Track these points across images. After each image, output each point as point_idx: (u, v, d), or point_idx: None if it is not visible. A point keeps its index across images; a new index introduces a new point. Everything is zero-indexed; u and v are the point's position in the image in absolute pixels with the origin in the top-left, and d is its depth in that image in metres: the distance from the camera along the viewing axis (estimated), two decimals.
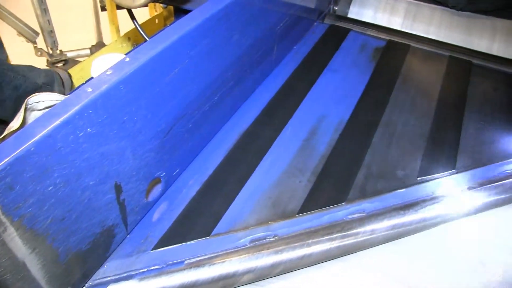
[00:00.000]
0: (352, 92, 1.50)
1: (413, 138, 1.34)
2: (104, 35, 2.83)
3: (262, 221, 1.03)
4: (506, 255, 1.05)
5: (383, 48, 1.80)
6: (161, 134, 0.97)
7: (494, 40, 1.87)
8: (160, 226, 1.01)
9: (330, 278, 0.97)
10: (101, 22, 2.82)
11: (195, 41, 0.99)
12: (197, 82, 1.05)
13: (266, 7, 1.34)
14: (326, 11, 2.01)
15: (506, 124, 1.44)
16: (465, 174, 1.23)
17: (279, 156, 1.21)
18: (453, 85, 1.63)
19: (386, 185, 1.16)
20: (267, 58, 1.47)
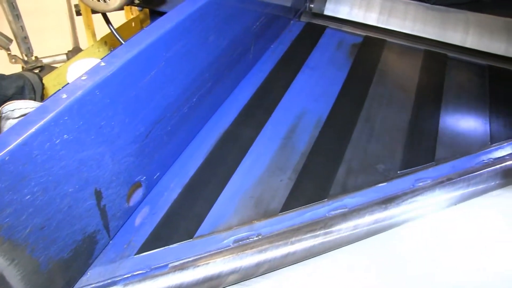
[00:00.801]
0: (331, 89, 1.51)
1: (392, 132, 1.35)
2: (80, 40, 2.80)
3: (245, 221, 1.03)
4: (488, 243, 1.07)
5: (360, 44, 1.82)
6: (140, 138, 0.96)
7: (468, 33, 1.90)
8: (143, 231, 1.01)
9: (315, 275, 0.98)
10: (77, 27, 2.78)
11: (171, 43, 0.98)
12: (175, 84, 1.05)
13: (242, 7, 1.34)
14: (302, 9, 2.02)
15: (481, 115, 1.47)
16: (444, 166, 1.24)
17: (260, 155, 1.21)
18: (429, 78, 1.65)
19: (367, 180, 1.17)
20: (244, 58, 1.47)
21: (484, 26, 1.92)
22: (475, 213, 1.16)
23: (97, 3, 1.20)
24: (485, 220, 1.14)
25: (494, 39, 1.86)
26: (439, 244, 1.07)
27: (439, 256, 1.03)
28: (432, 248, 1.05)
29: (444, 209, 1.15)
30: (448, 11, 1.96)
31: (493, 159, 1.27)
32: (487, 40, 1.88)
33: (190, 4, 1.06)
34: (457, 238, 1.09)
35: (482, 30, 1.90)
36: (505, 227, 1.12)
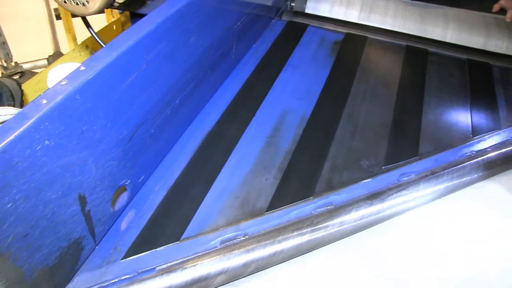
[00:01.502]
0: (313, 87, 1.51)
1: (376, 128, 1.36)
2: (61, 44, 2.78)
3: (231, 222, 1.03)
4: (473, 235, 1.09)
5: (342, 41, 1.83)
6: (123, 141, 0.96)
7: (447, 28, 1.92)
8: (129, 235, 1.00)
9: (302, 272, 0.98)
10: (58, 31, 2.76)
11: (151, 45, 0.98)
12: (157, 86, 1.04)
13: (222, 7, 1.34)
14: (284, 8, 2.02)
15: (463, 108, 1.49)
16: (428, 160, 1.26)
17: (244, 155, 1.21)
18: (411, 73, 1.67)
19: (352, 176, 1.17)
20: (227, 58, 1.47)
21: (463, 21, 1.94)
22: (459, 205, 1.17)
23: (76, 7, 1.19)
24: (470, 212, 1.15)
25: (473, 34, 1.89)
26: (426, 237, 1.08)
27: (426, 250, 1.05)
28: (419, 242, 1.06)
29: (429, 202, 1.16)
30: (427, 7, 1.98)
31: (475, 151, 1.29)
32: (466, 34, 1.90)
33: (170, 5, 1.06)
34: (443, 231, 1.10)
35: (461, 25, 1.92)
36: (489, 218, 1.14)
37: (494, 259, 1.04)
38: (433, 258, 1.03)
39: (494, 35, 1.88)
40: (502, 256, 1.05)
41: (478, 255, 1.04)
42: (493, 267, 1.02)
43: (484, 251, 1.05)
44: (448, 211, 1.15)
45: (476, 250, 1.06)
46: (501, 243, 1.08)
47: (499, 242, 1.08)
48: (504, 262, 1.03)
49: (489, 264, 1.03)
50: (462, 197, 1.20)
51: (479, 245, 1.07)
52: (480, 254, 1.05)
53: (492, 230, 1.11)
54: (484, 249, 1.06)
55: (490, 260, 1.03)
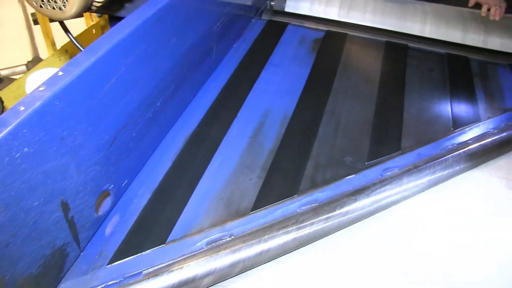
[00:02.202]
0: (295, 85, 1.52)
1: (358, 124, 1.37)
2: (40, 50, 2.74)
3: (216, 222, 1.02)
4: (457, 228, 1.10)
5: (322, 39, 1.84)
6: (105, 146, 0.95)
7: (426, 23, 1.95)
8: (114, 239, 0.99)
9: (289, 270, 0.99)
10: (36, 36, 2.72)
11: (130, 48, 0.97)
12: (137, 89, 1.03)
13: (202, 8, 1.34)
14: (263, 7, 2.03)
15: (443, 102, 1.51)
16: (410, 154, 1.27)
17: (227, 155, 1.21)
18: (392, 69, 1.68)
19: (336, 173, 1.18)
20: (207, 58, 1.47)
21: (441, 16, 1.97)
22: (443, 198, 1.19)
23: (53, 12, 1.18)
24: (453, 205, 1.17)
25: (450, 28, 1.92)
26: (411, 231, 1.09)
27: (412, 243, 1.06)
28: (405, 236, 1.08)
29: (413, 196, 1.18)
30: (406, 2, 2.01)
31: (456, 144, 1.31)
32: (444, 29, 1.93)
33: (148, 8, 1.05)
34: (428, 223, 1.11)
35: (439, 20, 1.95)
36: (472, 209, 1.16)
37: (479, 249, 1.05)
38: (418, 251, 1.04)
39: (471, 29, 1.91)
40: (487, 245, 1.07)
41: (462, 245, 1.06)
42: (478, 256, 1.04)
43: (469, 241, 1.07)
44: (432, 204, 1.17)
45: (461, 240, 1.07)
46: (484, 233, 1.09)
47: (482, 232, 1.09)
48: (489, 251, 1.05)
49: (474, 254, 1.04)
50: (445, 190, 1.22)
51: (463, 235, 1.08)
52: (464, 245, 1.06)
53: (475, 220, 1.12)
54: (468, 239, 1.07)
55: (475, 250, 1.05)
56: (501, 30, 1.91)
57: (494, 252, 1.05)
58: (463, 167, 1.26)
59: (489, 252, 1.05)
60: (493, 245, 1.07)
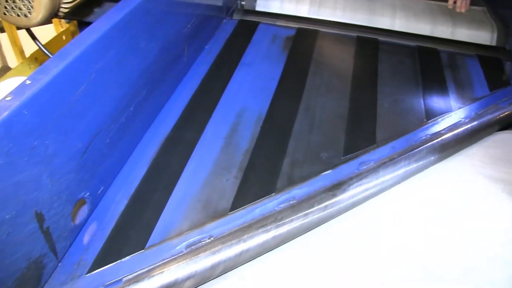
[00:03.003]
0: (268, 83, 1.52)
1: (332, 120, 1.38)
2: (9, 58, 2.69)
3: (195, 225, 1.02)
4: (433, 220, 1.11)
5: (293, 36, 1.84)
6: (78, 154, 0.94)
7: (395, 17, 1.97)
8: (92, 248, 0.98)
9: (271, 269, 0.98)
10: (3, 44, 2.67)
11: (99, 53, 0.96)
12: (109, 95, 1.02)
13: (171, 10, 1.33)
14: (234, 7, 2.02)
15: (416, 94, 1.53)
16: (385, 147, 1.29)
17: (203, 157, 1.21)
18: (364, 63, 1.70)
19: (313, 169, 1.19)
20: (179, 61, 1.46)
21: (410, 10, 2.00)
22: (419, 189, 1.21)
23: (18, 19, 1.15)
24: (429, 195, 1.19)
25: (419, 21, 1.95)
26: (389, 223, 1.10)
27: (391, 235, 1.07)
28: (383, 228, 1.09)
29: (389, 188, 1.19)
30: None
31: (430, 135, 1.33)
32: (413, 22, 1.96)
33: (116, 12, 1.04)
34: (405, 215, 1.12)
35: (408, 13, 1.98)
36: (448, 199, 1.17)
37: (456, 239, 1.07)
38: (397, 244, 1.05)
39: (439, 22, 1.95)
40: (464, 235, 1.08)
41: (439, 236, 1.07)
42: (455, 247, 1.05)
43: (446, 232, 1.08)
44: (409, 195, 1.18)
45: (437, 231, 1.09)
46: (461, 223, 1.11)
47: (459, 222, 1.11)
48: (465, 242, 1.07)
49: (451, 244, 1.06)
50: (421, 181, 1.23)
51: (439, 226, 1.10)
52: (441, 236, 1.07)
53: (451, 210, 1.14)
54: (446, 230, 1.09)
55: (453, 241, 1.06)
56: (467, 22, 1.96)
57: (471, 242, 1.06)
58: (437, 157, 1.28)
59: (466, 242, 1.06)
60: (470, 235, 1.08)
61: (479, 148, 1.35)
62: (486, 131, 1.39)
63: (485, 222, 1.11)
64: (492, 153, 1.33)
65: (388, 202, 1.16)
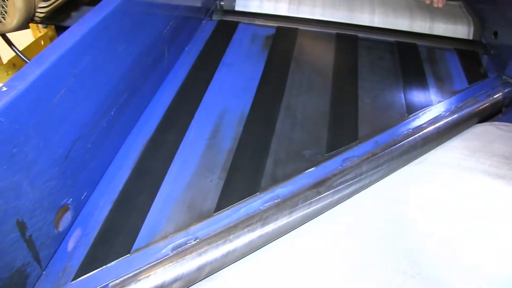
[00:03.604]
0: (249, 83, 1.52)
1: (314, 117, 1.39)
2: None
3: (180, 227, 1.02)
4: (417, 214, 1.13)
5: (273, 35, 1.85)
6: (59, 160, 0.92)
7: (374, 13, 1.99)
8: (77, 254, 0.97)
9: (258, 268, 0.98)
10: None
11: (77, 58, 0.95)
12: (89, 100, 1.01)
13: (149, 12, 1.32)
14: (213, 7, 2.02)
15: (396, 89, 1.54)
16: (368, 143, 1.30)
17: (186, 159, 1.20)
18: (344, 60, 1.71)
19: (296, 167, 1.19)
20: (160, 63, 1.45)
21: (388, 5, 2.02)
22: (402, 183, 1.22)
23: None
24: (413, 188, 1.20)
25: (398, 17, 1.97)
26: (374, 218, 1.11)
27: (376, 230, 1.07)
28: (369, 224, 1.09)
29: (373, 184, 1.20)
30: None
31: (411, 129, 1.34)
32: (392, 18, 1.98)
33: (94, 16, 1.03)
34: (390, 210, 1.13)
35: (387, 9, 2.00)
36: (431, 192, 1.18)
37: (439, 233, 1.08)
38: (383, 238, 1.06)
39: (417, 17, 1.97)
40: (446, 228, 1.09)
41: (425, 230, 1.08)
42: (438, 240, 1.06)
43: (430, 225, 1.09)
44: (392, 190, 1.19)
45: (423, 225, 1.10)
46: (444, 216, 1.12)
47: (442, 215, 1.12)
48: (447, 234, 1.08)
49: (434, 238, 1.07)
50: (404, 175, 1.24)
51: (425, 220, 1.11)
52: (425, 229, 1.08)
53: (435, 203, 1.15)
54: (429, 223, 1.10)
55: (436, 234, 1.08)
56: (444, 17, 1.98)
57: (455, 234, 1.08)
58: (419, 151, 1.29)
59: (451, 234, 1.08)
60: (454, 229, 1.09)
61: (460, 141, 1.37)
62: (466, 123, 1.41)
63: (469, 215, 1.13)
64: (472, 145, 1.34)
65: (372, 198, 1.17)
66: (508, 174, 1.24)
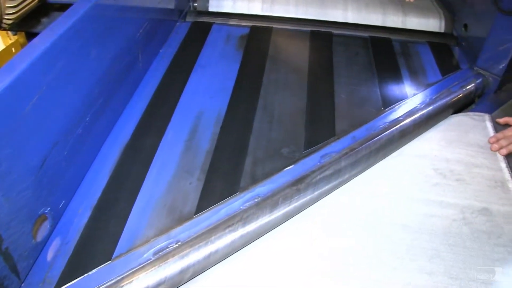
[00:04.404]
0: (225, 83, 1.52)
1: (291, 114, 1.39)
2: None
3: (161, 231, 1.01)
4: (394, 205, 1.14)
5: (248, 35, 1.85)
6: (35, 169, 0.91)
7: (347, 10, 2.01)
8: (57, 264, 0.95)
9: (241, 268, 0.98)
10: None
11: (49, 65, 0.93)
12: (63, 106, 1.00)
13: (121, 16, 1.31)
14: (187, 9, 2.01)
15: (372, 83, 1.56)
16: (345, 138, 1.31)
17: (165, 162, 1.19)
18: (319, 57, 1.72)
19: (275, 166, 1.19)
20: (134, 67, 1.44)
21: (361, 1, 2.05)
22: (378, 177, 1.23)
23: None
24: (392, 182, 1.21)
25: (371, 12, 1.99)
26: (355, 213, 1.11)
27: (358, 225, 1.08)
28: (350, 219, 1.10)
29: (352, 178, 1.20)
30: None
31: (388, 122, 1.36)
32: (365, 13, 1.99)
33: (64, 21, 1.02)
34: (370, 204, 1.14)
35: (360, 5, 2.02)
36: (409, 185, 1.20)
37: (415, 224, 1.09)
38: (363, 233, 1.06)
39: (390, 12, 1.99)
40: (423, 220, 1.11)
41: (401, 221, 1.09)
42: (415, 231, 1.07)
43: (407, 217, 1.11)
44: (369, 184, 1.20)
45: (401, 217, 1.11)
46: (422, 208, 1.13)
47: (419, 206, 1.14)
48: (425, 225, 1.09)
49: (411, 229, 1.08)
50: (381, 169, 1.25)
51: (402, 211, 1.12)
52: (403, 222, 1.10)
53: (412, 195, 1.17)
54: (407, 215, 1.11)
55: (412, 226, 1.09)
56: (416, 11, 2.01)
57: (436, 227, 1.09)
58: (397, 144, 1.30)
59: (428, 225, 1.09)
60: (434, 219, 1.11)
61: (436, 132, 1.39)
62: (441, 115, 1.43)
63: (448, 204, 1.14)
64: (448, 136, 1.37)
65: (350, 194, 1.17)
66: (484, 162, 1.27)
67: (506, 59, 1.55)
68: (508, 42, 1.53)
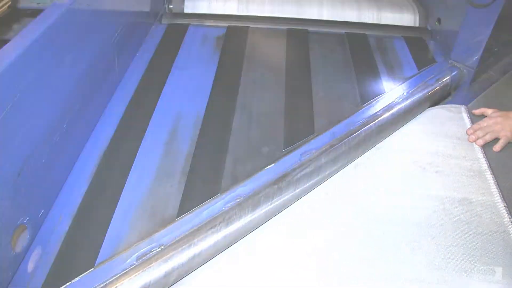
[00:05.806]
0: (203, 85, 1.52)
1: (270, 113, 1.40)
2: None
3: (144, 235, 1.00)
4: (374, 200, 1.15)
5: (224, 35, 1.85)
6: (11, 178, 0.89)
7: (322, 7, 2.01)
8: (39, 274, 0.94)
9: (227, 269, 0.98)
10: None
11: (21, 72, 0.92)
12: (38, 114, 0.98)
13: (95, 20, 1.30)
14: (162, 11, 2.00)
15: (349, 79, 1.57)
16: (325, 135, 1.31)
17: (145, 166, 1.19)
18: (296, 55, 1.73)
19: (255, 165, 1.20)
20: (110, 72, 1.42)
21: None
22: (358, 173, 1.24)
23: None
24: (368, 177, 1.22)
25: (346, 9, 2.00)
26: (337, 209, 1.12)
27: (341, 221, 1.09)
28: (332, 215, 1.10)
29: (333, 175, 1.21)
30: None
31: (367, 117, 1.37)
32: (340, 10, 2.01)
33: (36, 27, 1.00)
34: (351, 199, 1.15)
35: (335, 2, 2.03)
36: (390, 180, 1.21)
37: (396, 217, 1.10)
38: (345, 229, 1.07)
39: (365, 8, 2.00)
40: (404, 212, 1.12)
41: (385, 216, 1.11)
42: (397, 224, 1.09)
43: (388, 211, 1.12)
44: (352, 180, 1.21)
45: (381, 211, 1.12)
46: (403, 201, 1.15)
47: (399, 200, 1.15)
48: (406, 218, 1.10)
49: (392, 222, 1.09)
50: (360, 164, 1.26)
51: (383, 206, 1.13)
52: (387, 217, 1.11)
53: (392, 189, 1.18)
54: (387, 209, 1.12)
55: (393, 219, 1.10)
56: (391, 6, 2.03)
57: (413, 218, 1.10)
58: (376, 139, 1.32)
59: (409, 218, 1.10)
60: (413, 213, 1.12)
61: (414, 125, 1.41)
62: (418, 108, 1.45)
63: (428, 196, 1.16)
64: (426, 128, 1.39)
65: (334, 189, 1.18)
66: (462, 153, 1.29)
67: (479, 51, 1.57)
68: (480, 34, 1.55)
